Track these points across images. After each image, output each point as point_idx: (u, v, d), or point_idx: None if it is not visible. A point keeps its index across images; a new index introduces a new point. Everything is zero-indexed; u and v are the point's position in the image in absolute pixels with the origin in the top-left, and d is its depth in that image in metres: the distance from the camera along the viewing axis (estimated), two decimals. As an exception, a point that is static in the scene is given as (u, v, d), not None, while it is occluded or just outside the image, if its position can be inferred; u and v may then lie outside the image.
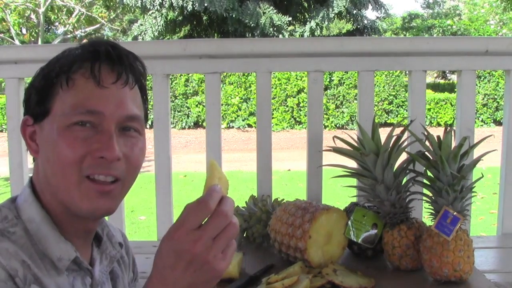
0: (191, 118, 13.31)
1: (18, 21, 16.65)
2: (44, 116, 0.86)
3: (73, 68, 0.85)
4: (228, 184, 0.81)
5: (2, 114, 12.69)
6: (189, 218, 0.71)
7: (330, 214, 1.41)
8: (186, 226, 0.71)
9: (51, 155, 0.83)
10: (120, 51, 0.87)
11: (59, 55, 0.89)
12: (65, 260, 0.84)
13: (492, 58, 1.80)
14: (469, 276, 1.29)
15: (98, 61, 0.85)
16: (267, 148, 1.83)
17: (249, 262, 1.47)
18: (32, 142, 0.88)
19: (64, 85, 0.84)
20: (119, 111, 0.85)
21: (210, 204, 0.72)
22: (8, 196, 0.93)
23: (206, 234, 0.71)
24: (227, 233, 0.72)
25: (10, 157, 1.82)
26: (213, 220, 0.72)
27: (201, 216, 0.71)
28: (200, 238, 0.70)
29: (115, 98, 0.85)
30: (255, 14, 13.56)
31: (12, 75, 1.81)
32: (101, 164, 0.82)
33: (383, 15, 17.73)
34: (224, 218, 0.72)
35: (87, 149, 0.82)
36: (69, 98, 0.83)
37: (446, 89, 16.85)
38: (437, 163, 1.32)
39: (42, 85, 0.86)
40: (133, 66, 0.88)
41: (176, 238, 0.71)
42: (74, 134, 0.82)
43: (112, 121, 0.84)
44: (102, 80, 0.84)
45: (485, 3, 26.62)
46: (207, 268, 0.71)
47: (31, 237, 0.83)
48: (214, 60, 1.80)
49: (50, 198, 0.86)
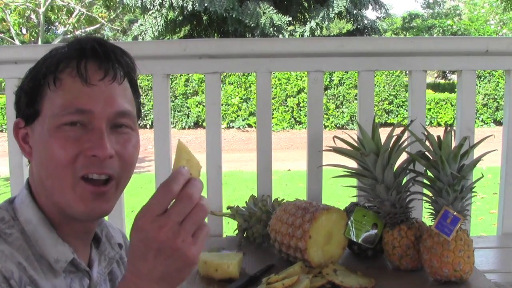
0: (191, 118, 13.31)
1: (18, 21, 16.64)
2: (34, 118, 0.85)
3: (60, 68, 0.84)
4: (200, 166, 0.76)
5: (2, 114, 12.68)
6: (152, 204, 0.68)
7: (330, 214, 1.41)
8: (150, 213, 0.68)
9: (43, 157, 0.83)
10: (107, 47, 0.86)
11: (47, 55, 0.89)
12: (62, 261, 0.84)
13: (492, 58, 1.80)
14: (469, 276, 1.29)
15: (84, 58, 0.84)
16: (267, 148, 1.83)
17: (249, 262, 1.47)
18: (25, 145, 0.88)
19: (52, 85, 0.83)
20: (109, 108, 0.84)
21: (173, 187, 0.68)
22: (8, 196, 0.92)
23: (171, 219, 0.67)
24: (194, 217, 0.68)
25: (10, 157, 1.82)
26: (177, 204, 0.68)
27: (164, 201, 0.68)
28: (166, 224, 0.67)
29: (104, 95, 0.84)
30: (255, 14, 13.56)
31: (12, 75, 1.81)
32: (94, 162, 0.81)
33: (383, 15, 17.73)
34: (189, 200, 0.68)
35: (78, 149, 0.81)
36: (58, 98, 0.83)
37: (446, 89, 16.86)
38: (437, 163, 1.32)
39: (30, 87, 0.86)
40: (120, 61, 0.87)
41: (141, 227, 0.68)
42: (64, 134, 0.81)
43: (103, 119, 0.83)
44: (89, 77, 0.83)
45: (485, 3, 26.63)
46: (178, 255, 0.68)
47: (28, 239, 0.82)
48: (214, 60, 1.80)
49: (45, 200, 0.86)
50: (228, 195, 5.19)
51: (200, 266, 1.36)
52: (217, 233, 1.84)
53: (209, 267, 1.33)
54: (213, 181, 1.83)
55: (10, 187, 1.84)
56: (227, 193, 5.06)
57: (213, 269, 1.33)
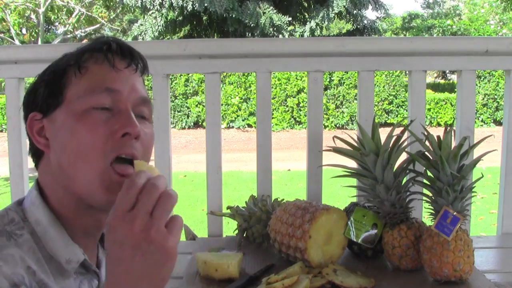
0: (191, 118, 13.31)
1: (18, 21, 16.63)
2: (56, 107, 0.84)
3: (84, 57, 0.85)
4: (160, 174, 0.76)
5: (2, 114, 12.68)
6: (119, 202, 0.68)
7: (330, 214, 1.41)
8: (119, 211, 0.67)
9: (69, 143, 0.82)
10: (126, 45, 0.90)
11: (62, 56, 0.89)
12: (74, 262, 0.83)
13: (492, 58, 1.80)
14: (469, 276, 1.29)
15: (110, 49, 0.86)
16: (267, 148, 1.83)
17: (249, 262, 1.47)
18: (40, 138, 0.86)
19: (77, 72, 0.84)
20: (134, 93, 0.86)
21: (137, 181, 0.68)
22: (8, 196, 0.92)
23: (140, 211, 0.66)
24: (162, 204, 0.67)
25: (10, 157, 1.81)
26: (143, 194, 0.67)
27: (130, 195, 0.67)
28: (136, 217, 0.66)
29: (129, 81, 0.86)
30: (255, 14, 13.56)
31: (12, 75, 1.81)
32: (125, 143, 0.81)
33: (383, 15, 17.71)
34: (154, 189, 0.67)
35: (108, 131, 0.81)
36: (84, 81, 0.84)
37: (446, 89, 16.85)
38: (437, 163, 1.32)
39: (51, 78, 0.86)
40: (140, 57, 0.91)
41: (112, 226, 0.67)
42: (93, 118, 0.81)
43: (129, 102, 0.84)
44: (116, 64, 0.85)
45: (485, 3, 26.63)
46: (155, 248, 0.66)
47: (38, 240, 0.82)
48: (214, 60, 1.80)
49: (62, 194, 0.84)
50: (228, 195, 5.19)
51: (200, 266, 1.36)
52: (217, 233, 1.84)
53: (209, 267, 1.33)
54: (213, 181, 1.83)
55: (10, 187, 1.84)
56: (227, 193, 5.06)
57: (213, 269, 1.33)
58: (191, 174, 7.21)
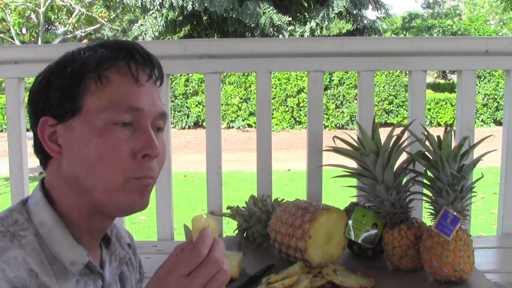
0: (191, 118, 13.31)
1: (18, 21, 16.65)
2: (72, 115, 0.82)
3: (106, 65, 0.83)
4: (217, 225, 0.81)
5: (2, 114, 12.68)
6: (180, 265, 0.72)
7: (330, 214, 1.41)
8: (177, 273, 0.71)
9: (88, 157, 0.81)
10: (146, 51, 0.88)
11: (77, 53, 0.87)
12: (79, 264, 0.83)
13: (492, 58, 1.80)
14: (469, 276, 1.29)
15: (133, 59, 0.85)
16: (267, 148, 1.83)
17: (249, 262, 1.47)
18: (52, 144, 0.84)
19: (98, 82, 0.82)
20: (154, 108, 0.85)
21: (203, 251, 0.72)
22: (8, 196, 0.92)
23: (196, 282, 0.71)
24: (217, 280, 0.72)
25: (10, 157, 1.81)
26: (203, 267, 0.72)
27: (193, 263, 0.72)
28: (190, 286, 0.70)
29: (150, 96, 0.86)
30: (255, 14, 13.56)
31: (12, 75, 1.81)
32: (144, 165, 0.82)
33: (383, 15, 17.72)
34: (215, 265, 0.72)
35: (130, 152, 0.81)
36: (106, 94, 0.82)
37: (446, 89, 16.85)
38: (437, 163, 1.32)
39: (68, 83, 0.83)
40: (159, 64, 0.90)
41: (165, 285, 0.71)
42: (115, 135, 0.81)
43: (149, 118, 0.84)
44: (139, 78, 0.84)
45: (485, 3, 26.63)
46: None
47: (42, 241, 0.81)
48: (214, 60, 1.80)
49: (75, 200, 0.84)
50: (228, 195, 5.20)
51: (200, 266, 1.36)
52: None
53: (209, 267, 1.33)
54: (213, 181, 1.83)
55: (10, 187, 1.84)
56: (227, 193, 5.07)
57: (213, 269, 1.33)
58: (191, 174, 7.21)
